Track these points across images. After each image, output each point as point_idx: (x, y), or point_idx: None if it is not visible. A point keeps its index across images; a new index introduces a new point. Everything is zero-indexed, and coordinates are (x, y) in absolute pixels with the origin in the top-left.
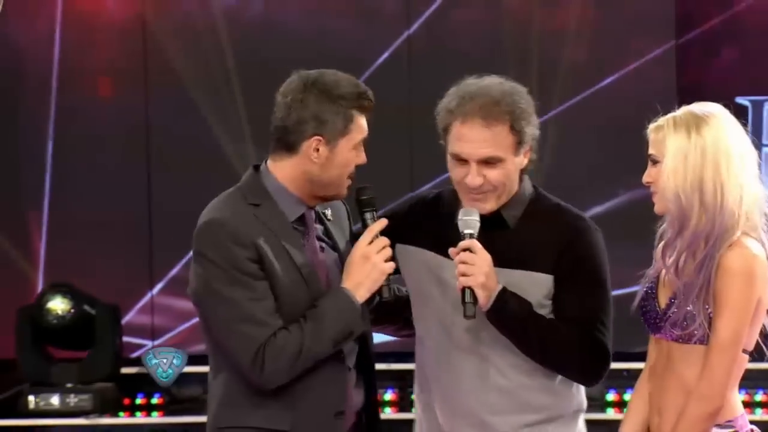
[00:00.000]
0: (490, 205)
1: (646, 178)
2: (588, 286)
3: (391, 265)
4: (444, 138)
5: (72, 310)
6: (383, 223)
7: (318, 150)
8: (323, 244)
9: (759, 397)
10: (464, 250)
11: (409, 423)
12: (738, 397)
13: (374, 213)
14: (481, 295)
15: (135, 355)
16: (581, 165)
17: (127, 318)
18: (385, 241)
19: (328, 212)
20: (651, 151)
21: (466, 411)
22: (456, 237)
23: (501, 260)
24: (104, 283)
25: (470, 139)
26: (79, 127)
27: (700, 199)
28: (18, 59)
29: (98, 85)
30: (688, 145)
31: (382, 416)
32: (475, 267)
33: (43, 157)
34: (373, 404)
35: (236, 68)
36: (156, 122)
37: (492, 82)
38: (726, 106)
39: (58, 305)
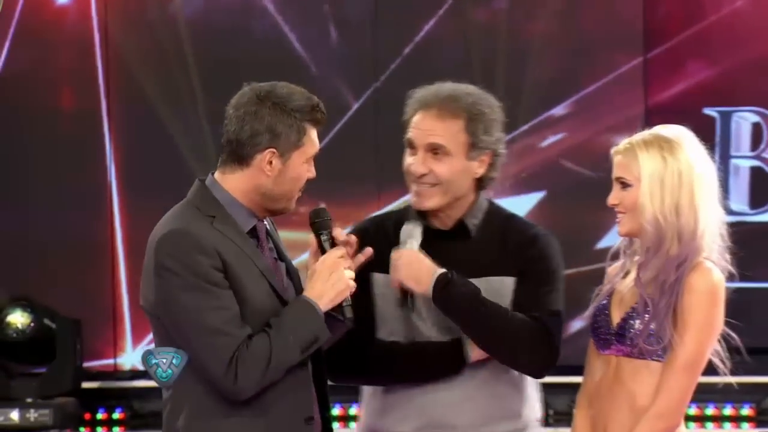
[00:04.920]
0: (431, 202)
1: (612, 201)
2: (544, 284)
3: (354, 284)
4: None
5: (32, 324)
6: (354, 239)
7: (271, 163)
8: (275, 255)
9: (709, 411)
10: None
11: None
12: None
13: (330, 234)
14: (414, 286)
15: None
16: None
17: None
18: (350, 261)
19: (267, 223)
20: (620, 174)
21: (435, 421)
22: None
23: (467, 270)
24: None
25: (422, 126)
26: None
27: (677, 223)
28: None
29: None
30: (664, 168)
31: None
32: (398, 263)
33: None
34: (328, 411)
35: (199, 79)
36: (118, 133)
37: (464, 85)
38: (695, 117)
39: (18, 319)
